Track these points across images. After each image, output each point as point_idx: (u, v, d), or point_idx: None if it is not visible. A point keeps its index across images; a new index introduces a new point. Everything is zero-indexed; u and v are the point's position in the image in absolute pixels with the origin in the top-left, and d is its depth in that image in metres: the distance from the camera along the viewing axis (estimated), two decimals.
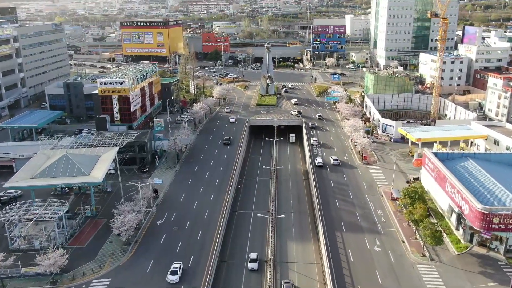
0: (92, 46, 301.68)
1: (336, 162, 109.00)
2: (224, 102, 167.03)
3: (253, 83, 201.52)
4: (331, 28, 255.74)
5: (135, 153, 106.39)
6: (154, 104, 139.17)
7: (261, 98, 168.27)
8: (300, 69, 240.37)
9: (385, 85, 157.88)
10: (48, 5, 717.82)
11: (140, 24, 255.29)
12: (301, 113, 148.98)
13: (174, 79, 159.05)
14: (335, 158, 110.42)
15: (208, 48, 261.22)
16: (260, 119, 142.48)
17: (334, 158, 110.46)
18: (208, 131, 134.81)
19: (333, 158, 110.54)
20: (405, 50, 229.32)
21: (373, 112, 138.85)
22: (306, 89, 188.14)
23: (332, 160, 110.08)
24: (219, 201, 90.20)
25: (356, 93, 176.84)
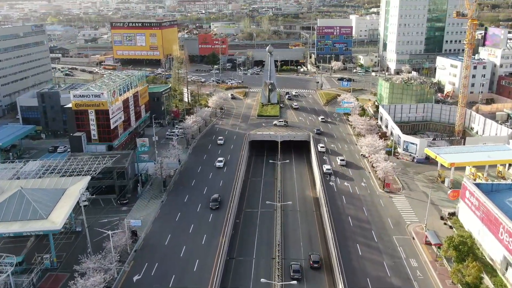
0: (82, 48, 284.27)
1: (343, 162, 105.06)
2: (222, 112, 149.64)
3: (253, 89, 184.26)
4: (336, 29, 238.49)
5: (114, 181, 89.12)
6: (141, 117, 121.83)
7: (263, 107, 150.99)
8: (303, 73, 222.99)
9: (402, 93, 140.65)
10: (42, 5, 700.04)
11: (132, 25, 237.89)
12: (320, 130, 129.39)
13: (165, 87, 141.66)
14: (342, 159, 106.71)
15: (205, 51, 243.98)
16: (262, 134, 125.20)
17: (341, 159, 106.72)
18: (202, 148, 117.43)
19: (340, 159, 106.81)
20: (417, 53, 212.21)
21: (391, 126, 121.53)
22: (312, 97, 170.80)
23: (339, 161, 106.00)
24: (212, 246, 72.88)
25: (368, 102, 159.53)
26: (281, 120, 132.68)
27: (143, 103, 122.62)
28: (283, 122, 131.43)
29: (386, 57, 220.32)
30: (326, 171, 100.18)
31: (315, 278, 67.16)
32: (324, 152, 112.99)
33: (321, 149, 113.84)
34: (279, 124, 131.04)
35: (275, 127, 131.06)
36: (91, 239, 71.37)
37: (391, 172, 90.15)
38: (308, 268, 69.04)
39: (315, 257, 70.15)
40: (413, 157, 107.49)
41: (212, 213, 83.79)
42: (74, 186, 75.32)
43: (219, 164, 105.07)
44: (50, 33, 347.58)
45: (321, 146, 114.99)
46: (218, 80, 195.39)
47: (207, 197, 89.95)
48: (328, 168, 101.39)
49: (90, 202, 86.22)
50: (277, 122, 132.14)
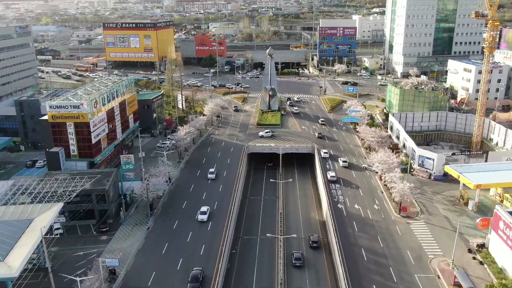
0: (74, 49, 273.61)
1: (345, 164, 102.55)
2: (218, 120, 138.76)
3: (252, 94, 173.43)
4: (339, 29, 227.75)
5: (93, 205, 78.33)
6: (129, 127, 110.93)
7: (263, 115, 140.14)
8: (305, 77, 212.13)
9: (413, 101, 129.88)
10: (39, 5, 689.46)
11: (125, 25, 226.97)
12: (322, 134, 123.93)
13: (157, 94, 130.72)
14: (344, 160, 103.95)
15: (202, 53, 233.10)
16: (262, 146, 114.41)
17: (343, 160, 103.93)
18: (195, 163, 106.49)
19: (342, 160, 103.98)
20: (425, 55, 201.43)
21: (403, 138, 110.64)
22: (315, 103, 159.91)
23: (342, 162, 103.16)
24: (205, 286, 62.10)
25: (375, 109, 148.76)
26: (267, 131, 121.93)
27: (131, 112, 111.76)
28: (270, 133, 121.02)
29: (392, 60, 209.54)
30: (331, 178, 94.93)
31: None
32: (328, 158, 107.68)
33: (325, 155, 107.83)
34: (266, 135, 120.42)
35: (276, 138, 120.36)
36: (61, 279, 60.62)
37: (409, 195, 79.29)
38: None
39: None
40: (430, 173, 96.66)
41: (204, 243, 72.91)
42: (43, 216, 64.44)
43: (211, 176, 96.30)
44: (43, 34, 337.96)
45: (325, 152, 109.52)
46: (214, 85, 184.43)
47: (200, 222, 79.17)
48: (332, 176, 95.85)
49: (66, 229, 75.66)
50: (264, 133, 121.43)
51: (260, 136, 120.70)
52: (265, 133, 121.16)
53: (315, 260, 71.37)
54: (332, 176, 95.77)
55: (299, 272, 67.82)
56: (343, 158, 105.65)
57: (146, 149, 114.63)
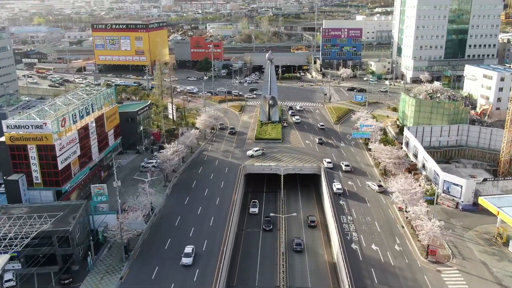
0: (63, 51, 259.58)
1: (348, 168, 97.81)
2: (212, 133, 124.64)
3: (251, 102, 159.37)
4: (344, 31, 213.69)
5: (55, 248, 64.29)
6: (108, 145, 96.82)
7: (262, 127, 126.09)
8: (308, 82, 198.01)
9: (431, 112, 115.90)
10: (34, 5, 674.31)
11: (115, 26, 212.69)
12: (322, 140, 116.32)
13: (143, 104, 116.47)
14: (346, 164, 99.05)
15: (197, 55, 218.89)
16: (261, 166, 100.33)
17: (345, 164, 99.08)
18: (184, 187, 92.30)
19: (344, 164, 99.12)
20: (437, 58, 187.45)
21: (423, 158, 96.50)
22: (320, 112, 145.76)
23: (344, 166, 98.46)
24: None
25: (386, 119, 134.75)
26: (257, 149, 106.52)
27: (111, 127, 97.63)
28: (260, 152, 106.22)
29: (401, 64, 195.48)
30: (337, 191, 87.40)
31: None
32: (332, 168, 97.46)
33: (328, 165, 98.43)
34: (256, 154, 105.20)
35: (277, 155, 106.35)
36: None
37: (440, 236, 65.22)
38: None
39: None
40: (457, 202, 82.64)
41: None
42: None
43: (187, 260, 65.33)
44: (33, 35, 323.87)
45: (328, 161, 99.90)
46: (210, 92, 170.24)
47: (186, 267, 65.19)
48: (338, 188, 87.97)
49: (20, 279, 61.62)
50: (253, 152, 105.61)
51: (249, 155, 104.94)
52: (255, 151, 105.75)
53: None
54: (338, 188, 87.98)
55: None
56: (345, 162, 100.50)
57: (129, 168, 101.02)
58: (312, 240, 78.87)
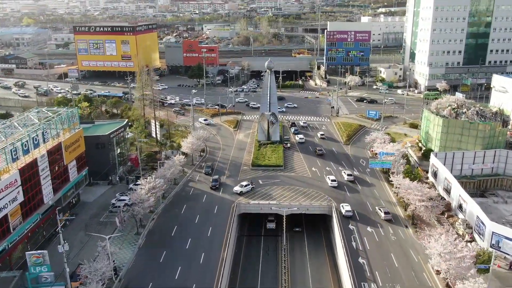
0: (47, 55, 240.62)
1: (350, 177, 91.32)
2: (201, 158, 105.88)
3: (248, 116, 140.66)
4: (351, 34, 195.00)
5: None
6: (69, 181, 77.98)
7: (260, 149, 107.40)
8: (311, 91, 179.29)
9: (461, 134, 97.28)
10: (26, 5, 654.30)
11: (99, 29, 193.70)
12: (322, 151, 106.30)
13: (118, 124, 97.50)
14: (349, 174, 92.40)
15: (190, 60, 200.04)
16: (258, 204, 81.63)
17: (348, 173, 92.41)
18: (161, 236, 73.48)
19: (346, 174, 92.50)
20: (455, 65, 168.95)
21: (460, 196, 77.68)
22: (327, 129, 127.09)
23: (346, 176, 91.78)
24: None
25: (404, 139, 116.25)
26: (247, 184, 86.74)
27: (72, 158, 78.86)
28: (249, 187, 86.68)
29: (414, 70, 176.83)
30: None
31: None
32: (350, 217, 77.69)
33: (347, 213, 77.85)
34: (245, 190, 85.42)
35: (278, 187, 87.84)
36: None
37: None
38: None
39: None
40: (511, 262, 64.07)
41: None
42: None
43: None
44: (18, 37, 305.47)
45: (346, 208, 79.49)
46: (200, 102, 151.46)
47: None
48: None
49: None
50: (241, 188, 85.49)
51: (237, 193, 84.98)
52: (244, 187, 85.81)
53: None
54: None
55: None
56: (347, 171, 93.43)
57: (97, 206, 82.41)
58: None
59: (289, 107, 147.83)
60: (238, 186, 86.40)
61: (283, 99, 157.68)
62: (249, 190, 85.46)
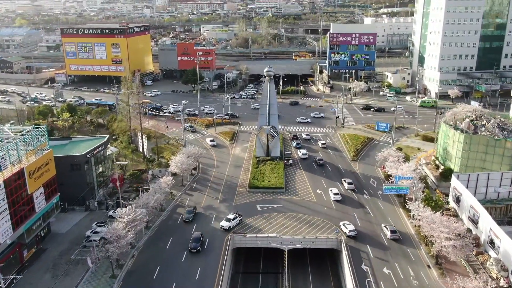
0: (37, 58, 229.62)
1: (351, 186, 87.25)
2: (193, 177, 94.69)
3: (246, 126, 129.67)
4: (355, 36, 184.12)
5: None
6: (34, 212, 66.79)
7: (258, 167, 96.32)
8: (313, 97, 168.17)
9: (485, 153, 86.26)
10: (22, 5, 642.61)
11: (88, 31, 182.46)
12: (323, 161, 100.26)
13: (98, 142, 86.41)
14: (349, 182, 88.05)
15: (185, 64, 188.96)
16: (255, 237, 70.57)
17: (348, 182, 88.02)
18: (141, 278, 62.10)
19: (347, 182, 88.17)
20: (468, 70, 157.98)
21: (491, 231, 66.49)
22: (331, 142, 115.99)
23: (347, 184, 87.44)
24: None
25: (418, 154, 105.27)
26: (235, 217, 73.84)
27: (39, 185, 67.71)
28: (237, 220, 74.14)
29: (423, 75, 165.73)
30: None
31: None
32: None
33: (351, 233, 70.72)
34: (234, 224, 72.78)
35: (279, 214, 76.88)
36: None
37: None
38: None
39: None
40: None
41: None
42: None
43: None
44: (8, 38, 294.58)
45: (350, 230, 71.28)
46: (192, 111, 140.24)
47: None
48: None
49: None
50: (228, 223, 72.60)
51: (224, 229, 72.31)
52: (232, 221, 73.35)
53: None
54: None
55: None
56: (348, 180, 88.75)
57: (69, 240, 71.40)
58: None
59: (302, 122, 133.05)
60: (225, 220, 73.70)
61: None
62: (237, 223, 73.70)
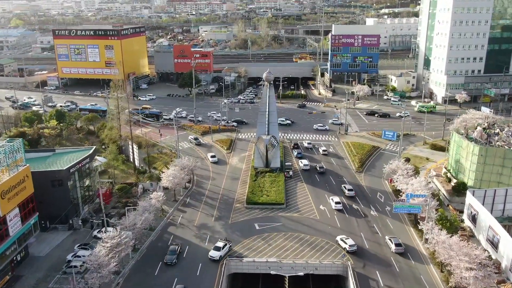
0: (27, 61, 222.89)
1: (351, 193, 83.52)
2: (186, 191, 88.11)
3: (244, 133, 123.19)
4: (358, 38, 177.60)
5: None
6: (8, 236, 60.22)
7: (256, 180, 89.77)
8: (314, 101, 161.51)
9: (502, 165, 79.77)
10: (19, 5, 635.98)
11: (81, 33, 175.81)
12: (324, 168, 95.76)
13: (84, 153, 79.89)
14: (349, 188, 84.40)
15: (182, 67, 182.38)
16: (253, 262, 63.99)
17: (348, 188, 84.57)
18: None
19: (347, 188, 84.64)
20: (476, 73, 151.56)
21: (509, 254, 60.11)
22: (334, 151, 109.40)
23: (347, 190, 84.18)
24: None
25: (427, 165, 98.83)
26: (224, 244, 65.79)
27: (13, 206, 61.14)
28: (227, 248, 65.85)
29: (429, 79, 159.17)
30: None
31: None
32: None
33: (351, 248, 66.27)
34: (224, 253, 64.55)
35: (278, 235, 70.39)
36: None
37: None
38: None
39: None
40: None
41: None
42: None
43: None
44: (1, 40, 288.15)
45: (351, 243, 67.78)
46: (189, 117, 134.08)
47: None
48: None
49: None
50: (221, 251, 64.36)
51: (215, 259, 63.72)
52: (223, 250, 64.90)
53: None
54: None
55: None
56: (348, 186, 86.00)
57: (48, 265, 64.76)
58: None
59: (319, 130, 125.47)
60: (214, 249, 65.43)
61: (293, 123, 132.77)
62: (228, 251, 66.63)
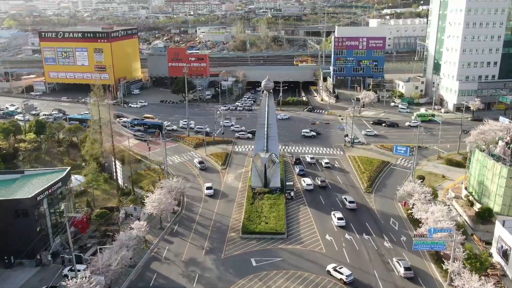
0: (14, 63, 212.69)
1: (353, 205, 78.50)
2: (174, 216, 77.92)
3: (241, 146, 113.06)
4: (362, 40, 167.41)
5: None
6: None
7: (254, 203, 79.65)
8: (317, 108, 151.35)
9: None
10: (15, 5, 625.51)
11: (69, 35, 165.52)
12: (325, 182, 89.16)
13: (58, 175, 69.75)
14: (350, 201, 79.42)
15: (176, 71, 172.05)
16: None
17: (349, 200, 79.44)
18: None
19: (348, 200, 79.49)
20: (489, 79, 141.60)
21: None
22: (340, 166, 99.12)
23: (348, 203, 78.95)
24: None
25: (444, 184, 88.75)
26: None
27: None
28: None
29: (440, 85, 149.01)
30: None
31: None
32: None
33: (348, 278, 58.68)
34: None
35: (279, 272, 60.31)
36: None
37: None
38: None
39: None
40: None
41: None
42: None
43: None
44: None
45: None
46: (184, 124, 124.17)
47: None
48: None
49: None
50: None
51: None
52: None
53: None
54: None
55: None
56: (349, 197, 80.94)
57: None
58: None
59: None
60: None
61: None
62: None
